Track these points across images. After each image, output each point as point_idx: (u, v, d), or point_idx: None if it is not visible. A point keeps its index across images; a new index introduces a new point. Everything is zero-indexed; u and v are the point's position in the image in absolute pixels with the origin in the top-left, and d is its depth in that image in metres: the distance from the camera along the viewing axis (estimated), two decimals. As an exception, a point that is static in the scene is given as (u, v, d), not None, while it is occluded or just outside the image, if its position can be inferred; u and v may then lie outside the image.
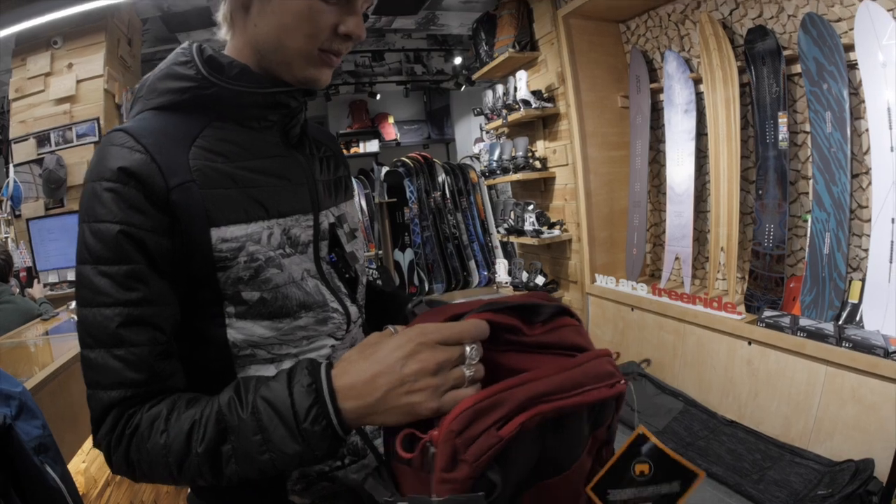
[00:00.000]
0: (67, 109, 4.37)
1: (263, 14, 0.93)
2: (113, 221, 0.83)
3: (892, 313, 2.82)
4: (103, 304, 0.83)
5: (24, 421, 0.90)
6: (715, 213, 3.81)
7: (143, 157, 0.86)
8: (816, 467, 2.80)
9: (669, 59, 4.10)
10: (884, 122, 2.82)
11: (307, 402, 0.76)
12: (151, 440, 0.80)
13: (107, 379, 0.83)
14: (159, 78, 0.97)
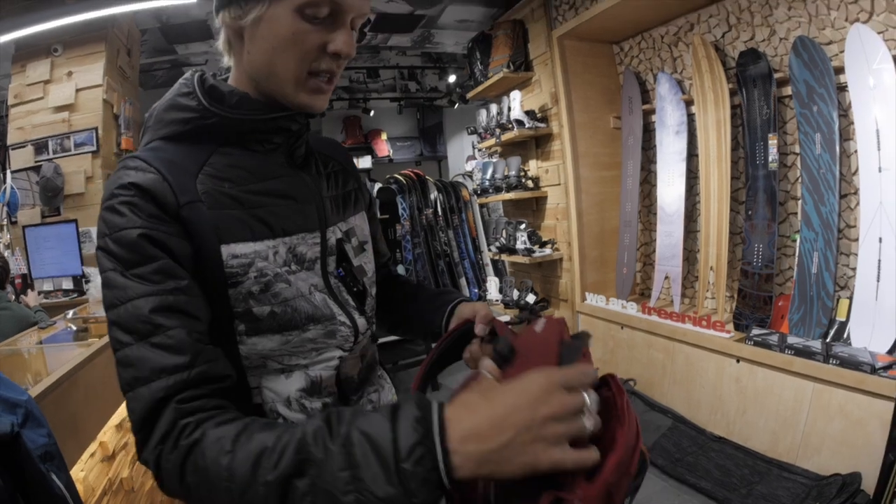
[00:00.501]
0: (66, 118, 4.36)
1: (254, 40, 0.95)
2: (133, 227, 0.85)
3: (879, 331, 2.85)
4: (135, 298, 0.83)
5: (30, 429, 0.90)
6: (705, 232, 3.85)
7: (155, 176, 0.89)
8: (804, 482, 2.82)
9: (662, 80, 4.16)
10: (872, 143, 2.87)
11: (412, 438, 0.67)
12: (213, 459, 0.74)
13: (146, 370, 0.80)
14: (164, 109, 1.00)
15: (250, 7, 0.92)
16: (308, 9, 0.90)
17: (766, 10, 3.44)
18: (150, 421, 0.79)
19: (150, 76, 5.82)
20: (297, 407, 0.99)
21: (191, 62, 6.12)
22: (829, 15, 3.10)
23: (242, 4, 0.92)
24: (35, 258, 3.95)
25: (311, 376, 1.01)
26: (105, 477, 2.10)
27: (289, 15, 0.91)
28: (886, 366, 2.64)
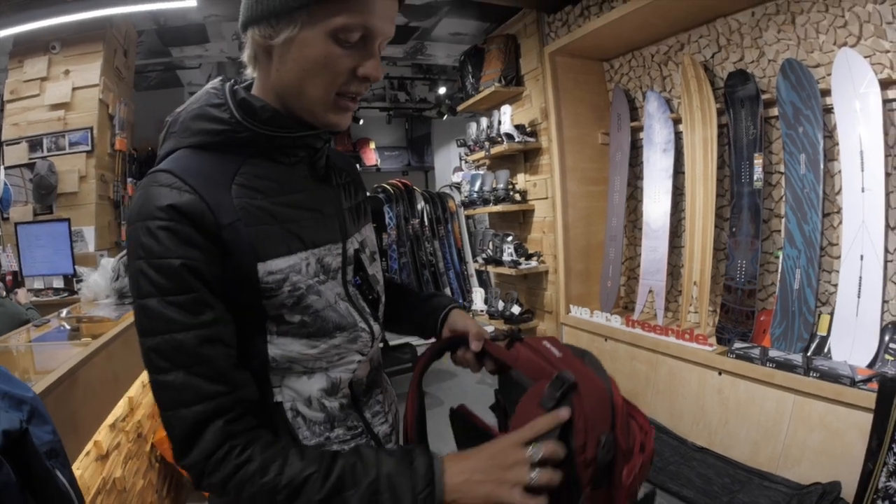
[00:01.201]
0: (62, 116, 4.35)
1: (284, 61, 0.95)
2: (173, 257, 0.87)
3: (859, 345, 2.92)
4: (176, 330, 0.87)
5: (36, 426, 0.90)
6: (689, 248, 3.92)
7: (192, 196, 0.90)
8: (785, 490, 2.87)
9: (651, 98, 4.24)
10: (856, 164, 2.95)
11: (425, 482, 0.88)
12: (265, 478, 0.87)
13: (188, 396, 0.87)
14: (192, 118, 1.00)
15: (282, 28, 0.92)
16: (341, 34, 0.91)
17: (756, 33, 3.53)
18: (193, 439, 0.88)
19: (143, 77, 5.82)
20: (318, 406, 1.04)
21: (185, 65, 6.13)
22: (818, 38, 3.19)
23: (274, 24, 0.92)
24: (26, 256, 3.91)
25: (332, 378, 1.05)
26: (99, 476, 2.09)
27: (321, 39, 0.92)
28: (866, 379, 2.70)
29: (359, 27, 0.91)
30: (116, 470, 2.30)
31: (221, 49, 5.70)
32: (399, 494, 0.87)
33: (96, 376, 1.86)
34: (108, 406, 2.19)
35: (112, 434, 2.30)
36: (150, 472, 2.77)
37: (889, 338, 2.84)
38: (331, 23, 0.90)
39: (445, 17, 5.22)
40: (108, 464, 2.20)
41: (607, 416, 0.89)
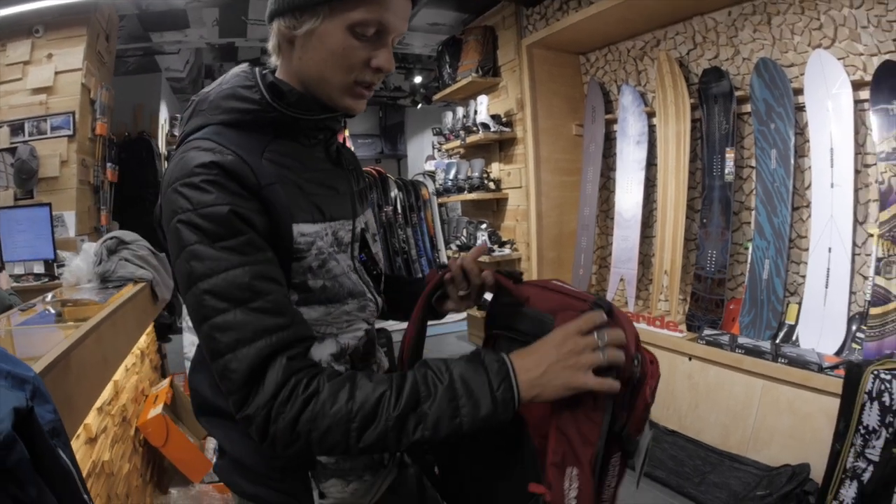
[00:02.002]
0: (44, 100, 4.26)
1: (306, 49, 1.01)
2: (221, 203, 0.89)
3: (826, 334, 3.01)
4: (230, 268, 0.89)
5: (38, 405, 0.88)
6: (660, 238, 3.98)
7: (234, 157, 0.94)
8: (755, 472, 2.95)
9: (626, 92, 4.28)
10: (826, 160, 3.03)
11: (500, 376, 0.90)
12: (336, 405, 0.87)
13: (248, 332, 0.87)
14: (224, 97, 1.03)
15: (304, 20, 0.97)
16: (358, 28, 0.97)
17: (732, 31, 3.59)
18: (257, 378, 0.87)
19: (121, 62, 5.69)
20: None
21: (164, 50, 6.03)
22: (793, 39, 3.26)
23: (298, 16, 0.98)
24: (7, 241, 3.80)
25: (341, 343, 1.09)
26: (89, 459, 2.06)
27: (340, 31, 0.97)
28: (833, 365, 2.79)
29: (374, 22, 0.97)
30: (105, 453, 2.27)
31: (201, 35, 5.62)
32: (477, 396, 0.89)
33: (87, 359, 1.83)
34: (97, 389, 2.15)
35: (100, 418, 2.27)
36: (134, 456, 2.74)
37: (856, 327, 2.93)
38: (349, 17, 0.96)
39: (424, 7, 5.18)
40: (96, 447, 2.18)
41: (636, 339, 0.95)
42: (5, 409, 0.77)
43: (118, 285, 2.75)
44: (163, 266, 3.09)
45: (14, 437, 0.76)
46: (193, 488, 2.93)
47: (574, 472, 0.92)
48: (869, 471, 2.31)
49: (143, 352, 3.26)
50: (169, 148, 7.33)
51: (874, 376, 2.35)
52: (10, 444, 0.75)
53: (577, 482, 0.92)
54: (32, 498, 0.77)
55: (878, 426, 2.31)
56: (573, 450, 0.92)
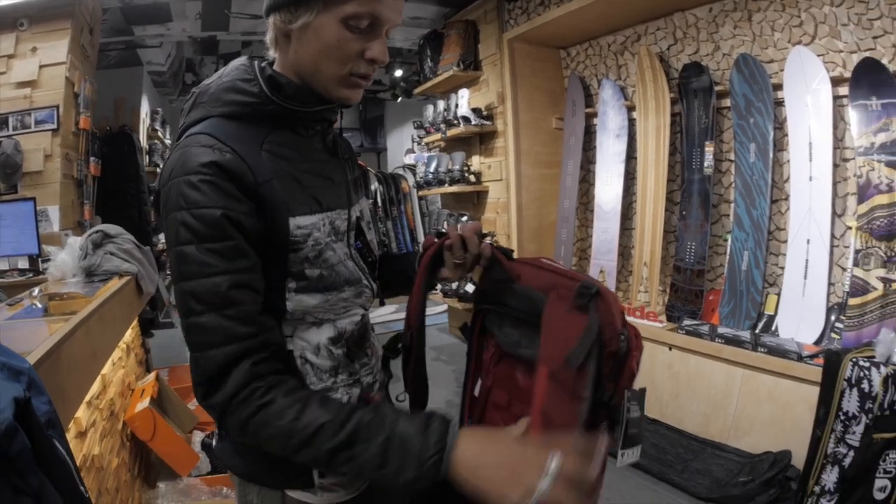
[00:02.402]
0: (28, 94, 4.18)
1: (301, 42, 1.02)
2: (215, 207, 0.92)
3: (805, 324, 3.06)
4: (212, 274, 0.93)
5: (34, 396, 0.87)
6: (640, 230, 4.01)
7: (233, 156, 0.96)
8: (737, 459, 3.00)
9: (606, 86, 4.30)
10: (805, 154, 3.08)
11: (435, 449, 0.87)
12: (282, 420, 0.91)
13: (219, 337, 0.92)
14: (224, 90, 1.06)
15: (300, 14, 0.99)
16: (351, 20, 0.98)
17: (713, 28, 3.62)
18: (220, 378, 0.92)
19: (104, 56, 5.59)
20: (325, 354, 1.12)
21: (146, 44, 5.94)
22: (773, 36, 3.30)
23: (293, 10, 0.99)
24: (-9, 237, 3.75)
25: (339, 328, 1.14)
26: (80, 453, 2.03)
27: (334, 25, 0.98)
28: (813, 354, 2.84)
29: (367, 15, 0.98)
30: (95, 447, 2.25)
31: (183, 28, 5.55)
32: (407, 456, 0.88)
33: (77, 352, 1.81)
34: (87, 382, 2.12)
35: (89, 411, 2.25)
36: (122, 450, 2.71)
37: (835, 318, 2.98)
38: (343, 10, 0.97)
39: (406, 1, 5.16)
40: (86, 441, 2.15)
41: (622, 314, 0.98)
42: (5, 399, 0.77)
43: (104, 279, 2.72)
44: (147, 260, 3.06)
45: (16, 426, 0.75)
46: (181, 482, 2.91)
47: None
48: (850, 456, 2.35)
49: (128, 346, 3.22)
50: (150, 142, 7.26)
51: (853, 364, 2.39)
52: (12, 434, 0.74)
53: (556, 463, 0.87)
54: (34, 488, 0.76)
55: (857, 412, 2.35)
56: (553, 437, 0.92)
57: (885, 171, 2.74)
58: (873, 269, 2.76)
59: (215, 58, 7.39)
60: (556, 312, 1.02)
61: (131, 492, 2.72)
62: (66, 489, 0.84)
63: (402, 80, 8.02)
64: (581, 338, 0.96)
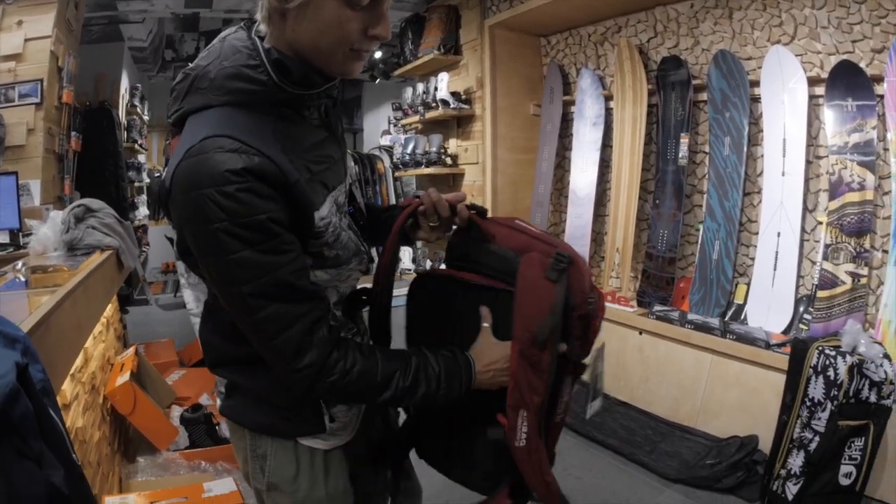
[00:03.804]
0: (12, 67, 4.04)
1: (300, 21, 0.98)
2: (259, 213, 0.93)
3: (774, 314, 3.11)
4: (272, 270, 0.96)
5: (30, 364, 0.87)
6: (613, 217, 4.03)
7: (262, 159, 0.95)
8: (705, 442, 3.05)
9: (585, 75, 4.29)
10: (778, 150, 3.11)
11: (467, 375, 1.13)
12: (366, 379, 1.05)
13: (290, 319, 0.98)
14: (228, 77, 1.01)
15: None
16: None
17: (693, 23, 3.62)
18: (303, 352, 0.99)
19: (86, 31, 5.41)
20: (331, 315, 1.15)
21: (129, 20, 5.80)
22: (753, 34, 3.30)
23: None
24: (-29, 211, 3.63)
25: (341, 292, 1.21)
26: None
27: (334, 3, 0.96)
28: (780, 343, 2.89)
29: None
30: (78, 420, 2.22)
31: (167, 4, 5.40)
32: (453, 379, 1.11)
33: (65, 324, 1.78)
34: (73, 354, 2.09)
35: (72, 384, 2.21)
36: (103, 424, 2.68)
37: (803, 309, 3.04)
38: None
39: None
40: (70, 414, 2.12)
41: (590, 278, 1.11)
42: (8, 364, 0.77)
43: (86, 252, 2.68)
44: (128, 234, 3.01)
45: (19, 388, 0.76)
46: (160, 456, 2.88)
47: (524, 413, 1.10)
48: (815, 441, 2.41)
49: (108, 321, 3.17)
50: (129, 118, 7.09)
51: (819, 352, 2.44)
52: (16, 396, 0.75)
53: (526, 422, 1.10)
54: (36, 452, 0.77)
55: (823, 399, 2.40)
56: (524, 397, 1.10)
57: (857, 170, 2.78)
58: (843, 263, 2.81)
59: (196, 34, 7.20)
60: (531, 275, 1.10)
61: (112, 466, 2.68)
62: (61, 456, 0.83)
63: (381, 62, 7.92)
64: (549, 315, 1.06)
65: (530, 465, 1.13)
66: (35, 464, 0.76)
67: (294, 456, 1.19)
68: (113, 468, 2.70)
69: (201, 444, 2.99)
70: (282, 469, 1.19)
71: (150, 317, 5.91)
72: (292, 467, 1.19)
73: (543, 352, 1.07)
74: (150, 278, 7.44)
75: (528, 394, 1.09)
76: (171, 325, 5.32)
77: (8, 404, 0.72)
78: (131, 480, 2.72)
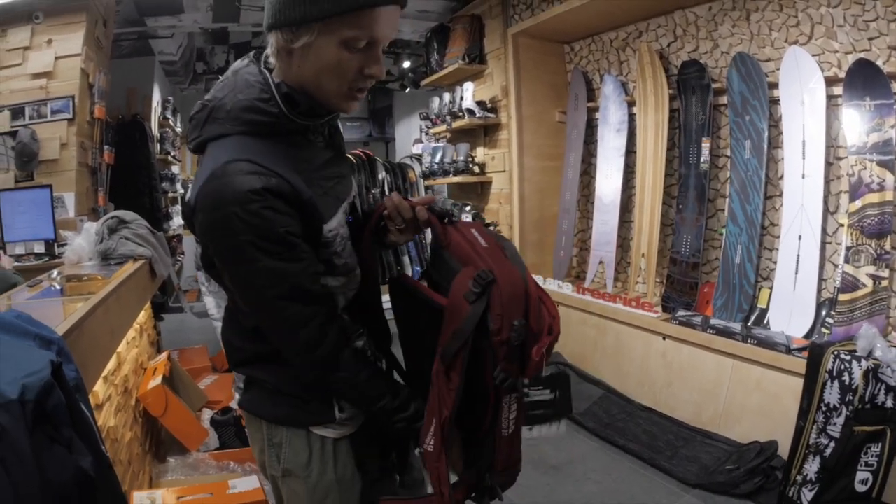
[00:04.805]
0: (44, 85, 4.19)
1: (303, 60, 1.09)
2: (278, 227, 1.05)
3: (796, 318, 3.05)
4: (289, 276, 1.08)
5: (64, 363, 0.95)
6: (638, 222, 4.01)
7: (278, 179, 1.06)
8: (725, 447, 3.00)
9: (608, 81, 4.28)
10: (798, 152, 3.05)
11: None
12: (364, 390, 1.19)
13: (306, 317, 1.11)
14: (243, 109, 1.12)
15: (301, 35, 1.05)
16: (350, 42, 1.06)
17: (712, 26, 3.59)
18: (315, 347, 1.12)
19: (116, 46, 5.57)
20: None
21: (158, 34, 5.94)
22: (770, 35, 3.27)
23: (294, 31, 1.05)
24: (8, 222, 3.77)
25: (347, 297, 1.28)
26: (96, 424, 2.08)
27: (333, 46, 1.06)
28: (800, 347, 2.83)
29: (365, 37, 1.06)
30: (110, 420, 2.30)
31: (195, 20, 5.53)
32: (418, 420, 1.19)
33: (97, 329, 1.85)
34: (105, 358, 2.17)
35: (105, 386, 2.30)
36: (135, 425, 2.76)
37: (825, 313, 2.97)
38: (342, 33, 1.04)
39: (412, -5, 5.16)
40: (102, 413, 2.20)
41: (521, 305, 1.05)
42: (43, 361, 0.87)
43: (119, 262, 2.77)
44: (160, 244, 3.11)
45: (53, 383, 0.85)
46: (190, 456, 2.97)
47: (435, 422, 1.11)
48: (830, 447, 2.36)
49: (141, 327, 3.27)
50: (162, 130, 7.24)
51: (834, 356, 2.40)
52: (51, 388, 0.84)
53: (434, 430, 1.12)
54: (67, 439, 0.86)
55: (838, 404, 2.36)
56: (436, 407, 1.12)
57: (876, 170, 2.72)
58: (863, 266, 2.75)
59: (226, 47, 7.36)
60: (456, 292, 1.08)
61: (142, 465, 2.78)
62: (90, 446, 0.92)
63: (410, 71, 7.98)
64: (451, 337, 1.06)
65: (433, 470, 1.16)
66: (66, 449, 0.85)
67: (307, 443, 1.28)
68: (144, 467, 2.79)
69: (230, 445, 3.09)
70: (296, 456, 1.28)
71: (184, 324, 6.03)
72: (305, 454, 1.28)
73: (451, 370, 1.08)
74: (185, 286, 7.54)
75: (439, 405, 1.11)
76: (205, 332, 5.41)
77: (43, 396, 0.82)
78: (161, 479, 2.82)
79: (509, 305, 1.03)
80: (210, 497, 2.33)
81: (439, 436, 1.12)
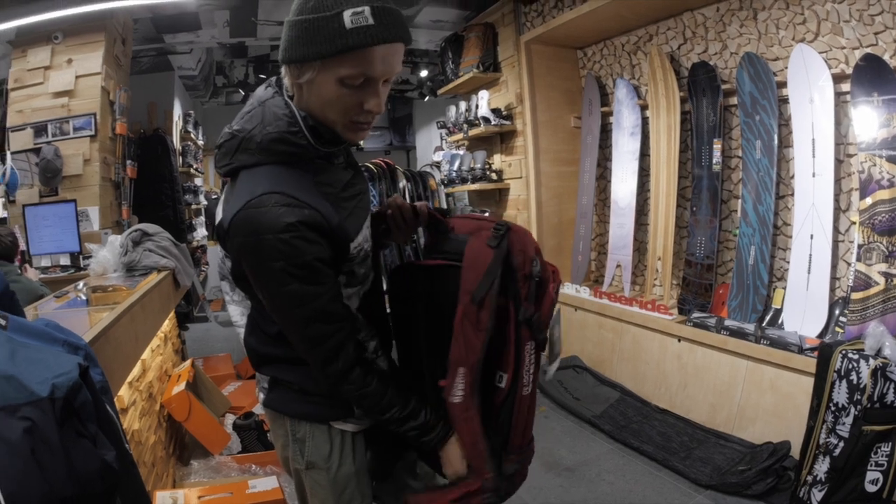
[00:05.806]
0: (65, 103, 4.31)
1: (309, 94, 1.19)
2: (308, 255, 1.15)
3: (809, 318, 3.01)
4: (315, 299, 1.18)
5: (91, 367, 1.01)
6: (654, 225, 3.98)
7: (310, 211, 1.15)
8: (739, 448, 2.96)
9: (620, 86, 4.27)
10: (808, 151, 3.01)
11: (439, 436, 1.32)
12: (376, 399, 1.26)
13: (328, 333, 1.20)
14: (273, 141, 1.21)
15: (304, 72, 1.15)
16: (346, 80, 1.14)
17: (720, 27, 3.57)
18: (333, 361, 1.22)
19: (135, 62, 5.69)
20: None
21: (176, 51, 6.04)
22: (778, 34, 3.23)
23: (300, 66, 1.15)
24: (33, 236, 3.91)
25: (359, 297, 1.37)
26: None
27: (332, 83, 1.15)
28: (813, 347, 2.78)
29: (360, 75, 1.14)
30: (135, 423, 2.38)
31: (213, 35, 5.63)
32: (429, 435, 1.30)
33: (122, 336, 1.92)
34: (130, 364, 2.24)
35: (130, 391, 2.37)
36: (159, 429, 2.83)
37: (839, 312, 2.92)
38: (338, 72, 1.13)
39: (427, 5, 5.16)
40: (127, 417, 2.27)
41: (534, 245, 1.26)
42: (72, 364, 0.94)
43: (143, 273, 2.85)
44: (183, 256, 3.18)
45: (81, 383, 0.93)
46: (213, 460, 3.04)
47: (462, 370, 1.23)
48: (840, 447, 2.32)
49: (166, 335, 3.35)
50: (184, 143, 7.36)
51: (843, 356, 2.36)
52: (78, 388, 0.92)
53: (463, 380, 1.23)
54: (92, 434, 0.93)
55: (846, 403, 2.32)
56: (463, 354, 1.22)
57: (886, 167, 2.67)
58: (875, 263, 2.70)
59: (245, 60, 7.46)
60: (475, 246, 1.24)
61: (166, 467, 2.84)
62: (115, 443, 0.99)
63: (428, 80, 8.02)
64: (484, 274, 1.21)
65: (464, 423, 1.28)
66: (91, 442, 0.92)
67: (328, 437, 1.38)
68: (167, 469, 2.86)
69: (252, 449, 3.15)
70: (318, 449, 1.38)
71: (209, 333, 6.13)
72: (327, 447, 1.38)
73: (481, 310, 1.20)
74: (209, 296, 7.66)
75: (466, 352, 1.22)
76: (230, 340, 5.50)
77: (71, 394, 0.90)
78: (185, 481, 2.89)
79: (526, 245, 1.24)
80: (230, 496, 2.40)
81: (469, 385, 1.23)
